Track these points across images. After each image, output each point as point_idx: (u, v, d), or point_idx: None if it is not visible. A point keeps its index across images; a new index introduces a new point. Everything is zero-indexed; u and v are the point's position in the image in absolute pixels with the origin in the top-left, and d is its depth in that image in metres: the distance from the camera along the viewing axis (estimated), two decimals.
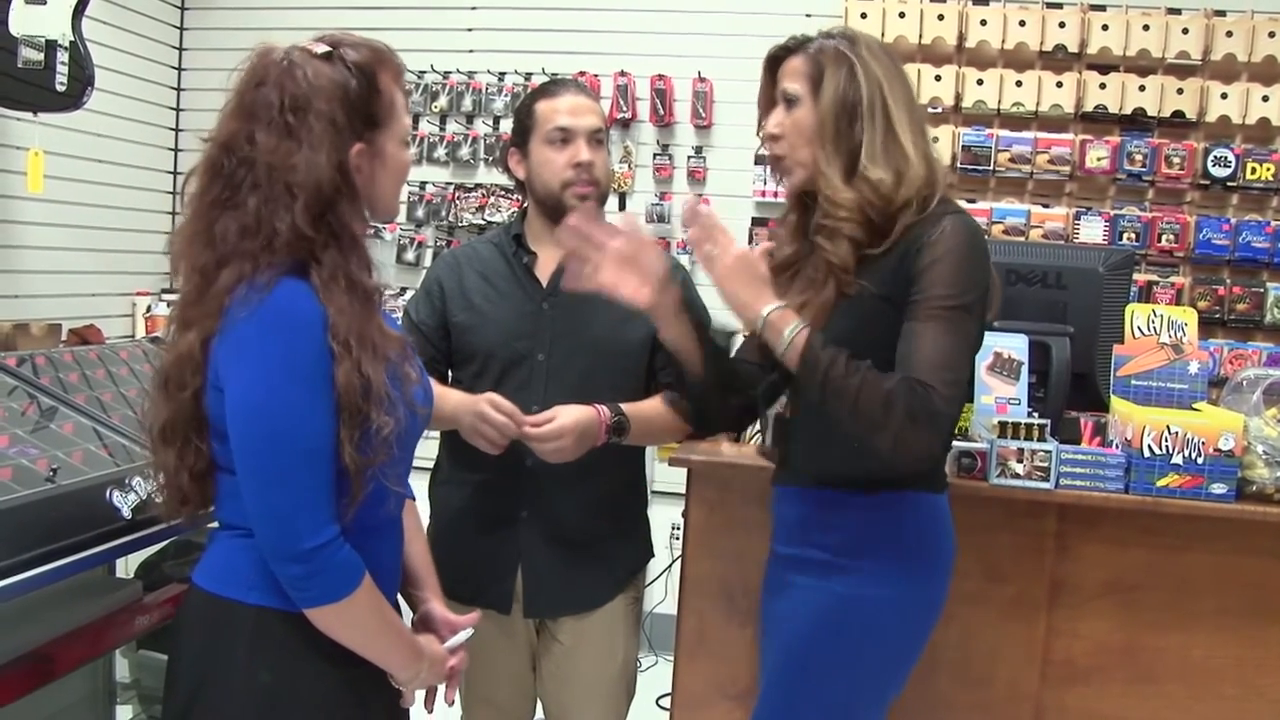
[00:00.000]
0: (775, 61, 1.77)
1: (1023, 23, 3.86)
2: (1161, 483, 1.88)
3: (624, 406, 1.99)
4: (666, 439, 2.14)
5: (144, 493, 1.65)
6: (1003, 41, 3.88)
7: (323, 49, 1.40)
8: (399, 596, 1.60)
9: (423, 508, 2.12)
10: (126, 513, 1.64)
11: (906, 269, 1.61)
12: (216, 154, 1.39)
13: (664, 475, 2.17)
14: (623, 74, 4.15)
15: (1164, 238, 3.80)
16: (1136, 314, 2.09)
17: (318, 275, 1.34)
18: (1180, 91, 3.78)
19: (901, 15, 3.90)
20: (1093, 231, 3.81)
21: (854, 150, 1.65)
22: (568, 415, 1.90)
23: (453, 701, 1.63)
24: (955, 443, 1.86)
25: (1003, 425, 1.92)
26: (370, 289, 1.39)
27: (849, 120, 1.66)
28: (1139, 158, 3.80)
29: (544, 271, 2.11)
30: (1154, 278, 3.80)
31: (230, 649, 1.39)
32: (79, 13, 3.19)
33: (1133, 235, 3.80)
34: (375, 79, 1.41)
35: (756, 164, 4.03)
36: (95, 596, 1.99)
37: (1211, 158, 3.77)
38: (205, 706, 1.39)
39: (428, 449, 2.07)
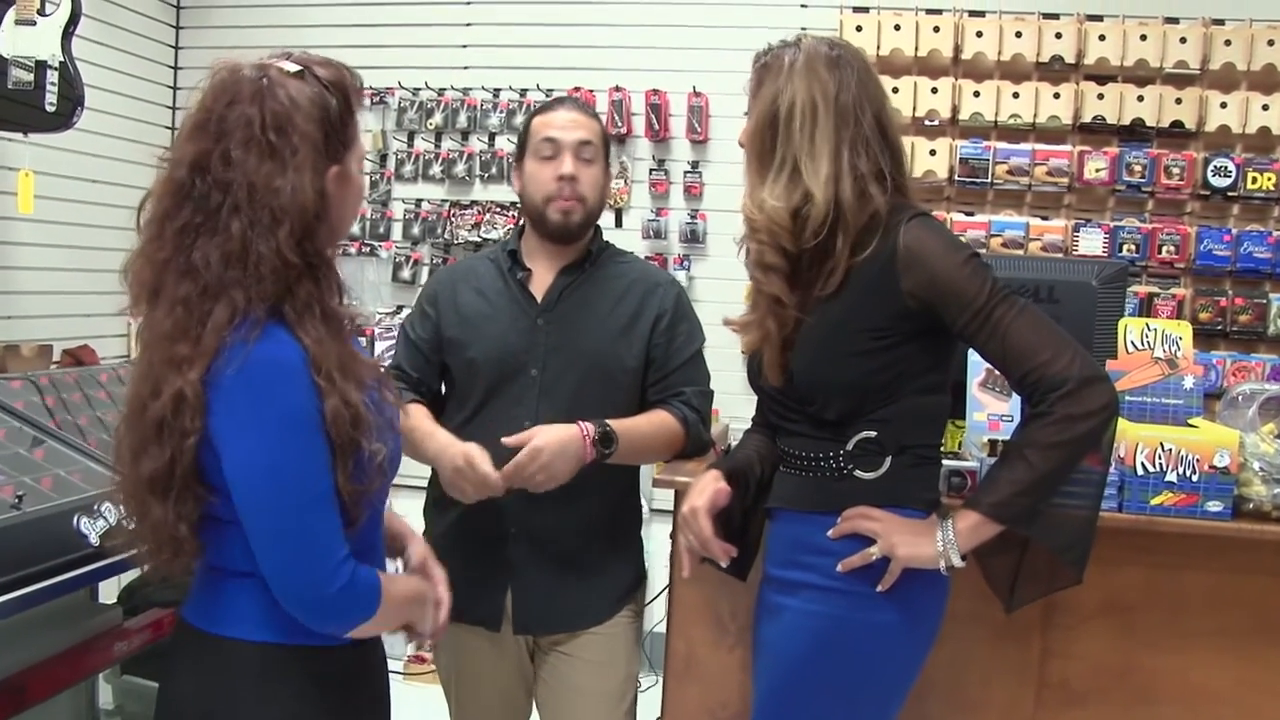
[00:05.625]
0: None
1: (1019, 34, 3.83)
2: (1155, 501, 1.84)
3: (612, 422, 1.97)
4: (659, 456, 2.11)
5: (113, 519, 1.62)
6: (999, 53, 3.84)
7: (294, 68, 1.36)
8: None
9: (415, 526, 2.11)
10: (94, 540, 1.62)
11: (885, 281, 1.59)
12: (184, 175, 1.33)
13: (664, 493, 2.13)
14: (618, 89, 4.13)
15: (1164, 249, 3.76)
16: (1130, 328, 2.05)
17: (292, 307, 1.30)
18: (1179, 101, 3.74)
19: (897, 28, 3.87)
20: (1092, 243, 3.77)
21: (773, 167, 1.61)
22: (544, 434, 1.89)
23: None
24: (945, 462, 1.82)
25: (993, 443, 1.89)
26: (341, 317, 1.36)
27: (772, 135, 1.61)
28: (1138, 168, 3.76)
29: (539, 287, 2.11)
30: (1154, 289, 3.76)
31: (236, 687, 1.35)
32: (69, 33, 3.18)
33: (1132, 247, 3.76)
34: (349, 99, 1.39)
35: None
36: (73, 623, 1.97)
37: (1211, 167, 3.73)
38: None
39: (423, 468, 2.05)
